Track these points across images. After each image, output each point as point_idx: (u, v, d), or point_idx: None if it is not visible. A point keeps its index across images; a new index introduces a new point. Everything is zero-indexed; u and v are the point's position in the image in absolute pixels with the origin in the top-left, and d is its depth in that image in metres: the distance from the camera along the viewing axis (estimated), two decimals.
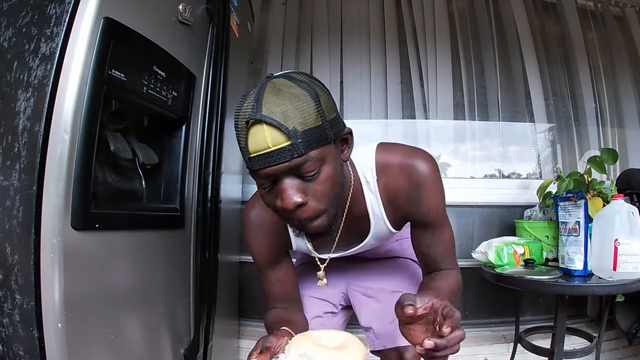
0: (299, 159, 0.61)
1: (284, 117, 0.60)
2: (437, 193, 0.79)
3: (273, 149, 0.60)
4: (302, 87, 0.63)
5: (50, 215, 0.65)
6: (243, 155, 0.64)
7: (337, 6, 2.12)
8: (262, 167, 0.62)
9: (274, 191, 0.66)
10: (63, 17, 0.68)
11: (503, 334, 1.79)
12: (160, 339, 0.95)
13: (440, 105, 2.05)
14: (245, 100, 0.64)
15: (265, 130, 0.60)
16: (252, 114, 0.61)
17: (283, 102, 0.61)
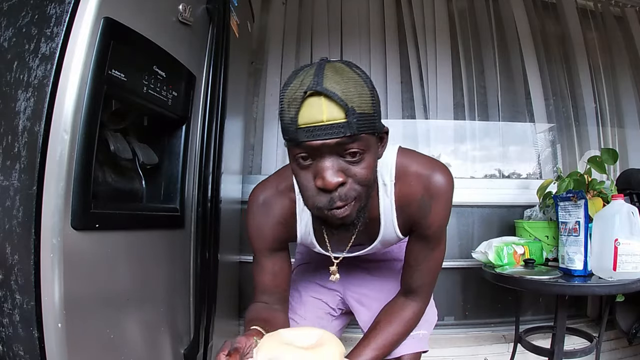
0: (350, 138, 0.62)
1: (344, 94, 0.60)
2: (446, 210, 0.80)
3: (327, 122, 0.60)
4: (359, 74, 0.65)
5: (50, 215, 0.65)
6: (286, 127, 0.63)
7: (337, 6, 2.12)
8: (311, 139, 0.61)
9: (311, 169, 0.65)
10: (63, 17, 0.68)
11: (503, 334, 1.79)
12: (160, 339, 0.95)
13: (440, 105, 2.05)
14: (298, 74, 0.65)
15: (323, 103, 0.60)
16: (312, 85, 0.60)
17: (345, 81, 0.62)
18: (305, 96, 0.61)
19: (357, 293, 1.04)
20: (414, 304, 0.89)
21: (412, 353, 0.93)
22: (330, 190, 0.64)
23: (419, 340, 0.95)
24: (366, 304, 1.02)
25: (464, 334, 1.81)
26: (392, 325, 0.88)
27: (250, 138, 2.02)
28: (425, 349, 0.95)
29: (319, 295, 1.06)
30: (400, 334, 0.88)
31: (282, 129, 0.65)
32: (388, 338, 0.87)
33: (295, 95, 0.62)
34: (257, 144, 2.05)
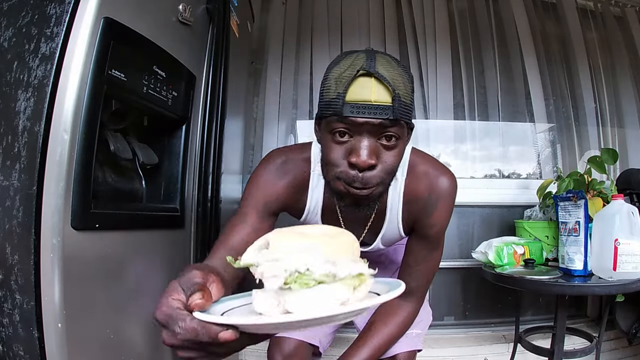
0: (391, 122, 0.65)
1: (393, 80, 0.64)
2: (448, 212, 0.82)
3: (375, 102, 0.64)
4: (405, 68, 0.69)
5: (50, 215, 0.65)
6: (331, 102, 0.66)
7: (337, 6, 2.12)
8: (356, 115, 0.64)
9: (346, 146, 0.67)
10: (63, 17, 0.68)
11: (503, 334, 1.79)
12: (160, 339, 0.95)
13: (440, 105, 2.05)
14: (346, 57, 0.68)
15: (373, 84, 0.64)
16: (365, 66, 0.64)
17: (393, 70, 0.66)
18: (357, 75, 0.64)
19: None
20: (409, 305, 0.90)
21: (406, 351, 0.94)
22: (360, 169, 0.66)
23: (413, 339, 0.96)
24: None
25: (464, 334, 1.81)
26: (387, 327, 0.88)
27: (250, 138, 2.02)
28: (419, 347, 0.97)
29: None
30: (395, 335, 0.89)
31: (324, 105, 0.67)
32: (383, 338, 0.88)
33: (345, 73, 0.65)
34: (257, 144, 2.05)
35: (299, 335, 0.99)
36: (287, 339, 0.99)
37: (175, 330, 0.44)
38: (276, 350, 0.98)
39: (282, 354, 0.97)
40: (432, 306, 1.07)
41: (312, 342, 1.00)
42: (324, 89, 0.68)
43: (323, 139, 0.71)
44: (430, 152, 0.83)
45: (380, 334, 0.88)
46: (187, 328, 0.43)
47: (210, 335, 0.42)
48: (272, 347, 1.00)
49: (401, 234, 0.87)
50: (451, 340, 1.76)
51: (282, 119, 2.05)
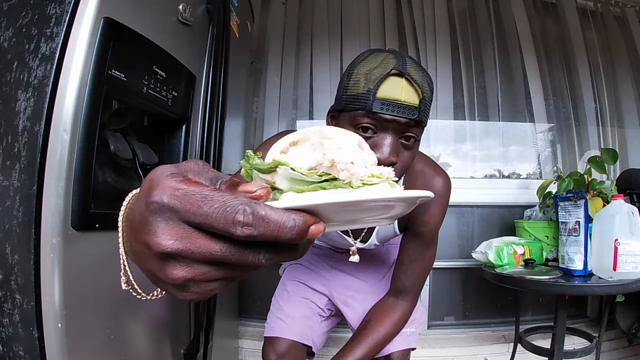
0: (415, 122, 0.67)
1: (421, 83, 0.67)
2: (441, 212, 0.84)
3: (404, 102, 0.65)
4: (427, 73, 0.71)
5: (50, 215, 0.65)
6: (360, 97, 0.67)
7: (337, 6, 2.12)
8: (385, 112, 0.65)
9: (370, 140, 0.68)
10: (63, 17, 0.68)
11: (503, 334, 1.79)
12: (160, 339, 0.95)
13: (440, 105, 2.05)
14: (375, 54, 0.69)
15: (404, 84, 0.66)
16: (398, 66, 0.66)
17: (422, 73, 0.69)
18: (389, 73, 0.66)
19: (343, 295, 1.05)
20: (404, 304, 0.91)
21: (400, 350, 0.95)
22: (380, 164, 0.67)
23: (407, 338, 0.97)
24: (351, 305, 1.04)
25: (464, 334, 1.81)
26: (382, 326, 0.89)
27: (250, 138, 2.02)
28: (413, 346, 0.98)
29: (307, 296, 1.06)
30: (390, 334, 0.90)
31: (351, 98, 0.68)
32: (378, 337, 0.89)
33: (376, 70, 0.66)
34: (257, 144, 2.05)
35: (292, 336, 1.00)
36: (280, 339, 1.00)
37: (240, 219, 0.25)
38: (270, 350, 0.99)
39: (276, 353, 0.98)
40: (432, 306, 1.07)
41: (305, 342, 1.01)
42: (351, 82, 0.69)
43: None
44: (430, 152, 0.84)
45: (376, 332, 0.89)
46: (259, 216, 0.25)
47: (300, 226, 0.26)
48: (266, 347, 1.01)
49: (396, 231, 0.88)
50: (451, 340, 1.76)
51: (282, 119, 2.05)
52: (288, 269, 1.15)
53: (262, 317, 1.03)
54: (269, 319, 1.06)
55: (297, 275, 1.11)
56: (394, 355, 0.96)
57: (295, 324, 1.02)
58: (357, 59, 0.71)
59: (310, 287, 1.08)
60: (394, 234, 0.90)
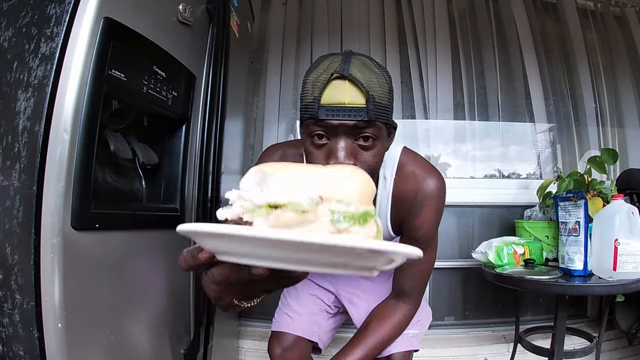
0: (366, 123, 0.66)
1: (367, 82, 0.65)
2: (435, 214, 0.82)
3: (348, 105, 0.64)
4: (381, 69, 0.70)
5: (50, 215, 0.65)
6: (308, 106, 0.67)
7: (337, 6, 2.12)
8: (331, 118, 0.65)
9: (324, 149, 0.68)
10: (63, 17, 0.68)
11: (503, 334, 1.79)
12: (160, 339, 0.95)
13: (440, 105, 2.05)
14: (324, 60, 0.69)
15: (347, 87, 0.65)
16: (339, 69, 0.65)
17: (368, 72, 0.67)
18: (331, 78, 0.65)
19: (348, 292, 1.06)
20: (405, 307, 0.90)
21: (401, 352, 0.94)
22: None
23: (409, 340, 0.96)
24: (356, 303, 1.04)
25: (464, 334, 1.81)
26: (382, 327, 0.89)
27: (250, 138, 2.02)
28: (416, 347, 0.98)
29: (315, 292, 1.07)
30: (390, 336, 0.89)
31: (303, 108, 0.69)
32: (378, 339, 0.88)
33: (321, 77, 0.66)
34: (257, 144, 2.05)
35: (297, 331, 1.00)
36: (286, 334, 1.00)
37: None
38: (275, 344, 1.00)
39: (281, 347, 0.99)
40: (432, 306, 1.07)
41: (310, 338, 1.01)
42: (302, 92, 0.69)
43: (304, 142, 0.72)
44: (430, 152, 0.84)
45: (375, 334, 0.88)
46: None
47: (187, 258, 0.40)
48: (272, 341, 1.02)
49: (390, 233, 0.88)
50: (451, 340, 1.76)
51: (282, 119, 2.05)
52: None
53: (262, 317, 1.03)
54: (276, 314, 1.07)
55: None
56: (395, 357, 0.95)
57: (302, 320, 1.02)
58: (309, 68, 0.72)
59: (317, 284, 1.08)
60: (389, 236, 0.89)
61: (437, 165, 2.14)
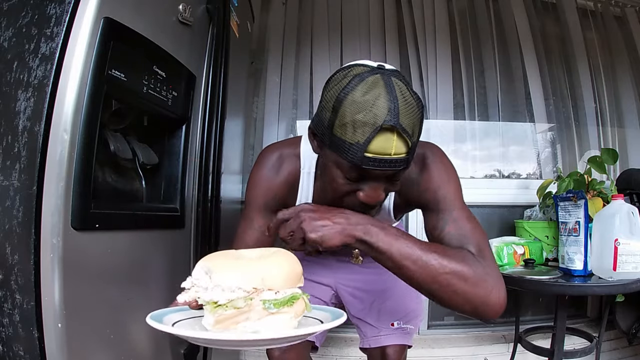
0: (404, 170, 0.64)
1: (412, 131, 0.61)
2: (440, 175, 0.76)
3: (394, 154, 0.61)
4: (415, 99, 0.62)
5: (50, 215, 0.65)
6: (349, 148, 0.60)
7: (337, 6, 2.12)
8: (375, 168, 0.61)
9: (357, 184, 0.65)
10: (63, 17, 0.68)
11: (503, 334, 1.79)
12: (160, 339, 0.95)
13: (440, 105, 2.05)
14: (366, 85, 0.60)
15: (394, 139, 0.60)
16: (388, 119, 0.58)
17: (413, 115, 0.61)
18: (381, 128, 0.59)
19: (349, 286, 1.06)
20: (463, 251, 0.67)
21: (396, 344, 0.95)
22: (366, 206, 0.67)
23: (405, 335, 0.98)
24: (359, 296, 1.05)
25: (464, 334, 1.81)
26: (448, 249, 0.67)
27: (250, 138, 2.02)
28: (410, 343, 0.99)
29: (312, 291, 1.07)
30: (450, 260, 0.63)
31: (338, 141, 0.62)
32: (434, 249, 0.65)
33: (366, 120, 0.59)
34: (257, 144, 2.05)
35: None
36: None
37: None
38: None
39: (280, 348, 0.98)
40: (432, 306, 1.08)
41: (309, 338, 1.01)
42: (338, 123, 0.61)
43: (328, 168, 0.67)
44: None
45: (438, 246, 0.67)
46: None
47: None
48: None
49: (392, 218, 0.87)
50: (451, 340, 1.76)
51: (282, 119, 2.05)
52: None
53: None
54: None
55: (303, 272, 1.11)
56: (389, 350, 0.97)
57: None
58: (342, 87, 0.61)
59: (315, 281, 1.08)
60: (391, 221, 0.89)
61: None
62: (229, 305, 0.44)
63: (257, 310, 0.45)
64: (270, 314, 0.45)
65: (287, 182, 0.84)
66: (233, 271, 0.46)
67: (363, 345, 1.04)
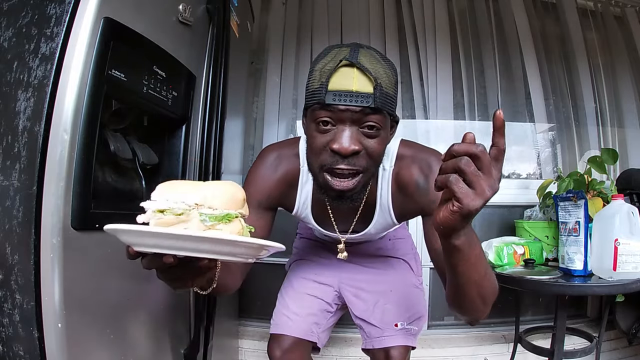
0: (372, 110, 0.66)
1: (375, 72, 0.66)
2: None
3: (356, 91, 0.65)
4: (387, 61, 0.71)
5: (50, 215, 0.65)
6: (315, 91, 0.68)
7: (337, 6, 2.12)
8: (338, 102, 0.65)
9: (330, 134, 0.69)
10: (63, 17, 0.68)
11: (503, 334, 1.79)
12: (160, 339, 0.95)
13: (440, 105, 2.05)
14: (331, 50, 0.71)
15: (355, 74, 0.66)
16: (348, 57, 0.66)
17: (376, 62, 0.68)
18: (340, 65, 0.66)
19: (353, 287, 1.06)
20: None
21: (400, 346, 0.95)
22: (343, 156, 0.68)
23: (408, 336, 0.97)
24: (362, 296, 1.04)
25: (464, 334, 1.81)
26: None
27: (250, 138, 2.02)
28: (414, 344, 0.98)
29: (314, 292, 1.07)
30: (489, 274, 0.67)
31: (309, 94, 0.70)
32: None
33: (329, 65, 0.67)
34: (257, 144, 2.05)
35: (297, 333, 1.00)
36: (285, 336, 1.00)
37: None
38: (275, 346, 1.00)
39: (281, 349, 0.99)
40: (432, 306, 1.08)
41: (310, 339, 1.02)
42: (309, 80, 0.70)
43: (308, 129, 0.73)
44: None
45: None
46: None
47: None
48: (271, 343, 1.02)
49: (393, 221, 0.87)
50: (451, 340, 1.76)
51: (282, 119, 2.05)
52: (294, 264, 1.15)
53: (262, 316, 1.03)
54: (274, 316, 1.06)
55: (303, 270, 1.11)
56: (393, 352, 0.96)
57: (301, 321, 1.02)
58: (316, 58, 0.73)
59: (317, 281, 1.08)
60: (392, 224, 0.89)
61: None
62: (168, 212, 0.49)
63: (195, 222, 0.49)
64: (207, 227, 0.49)
65: (285, 181, 0.85)
66: (181, 188, 0.52)
67: (366, 346, 1.03)
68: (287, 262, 1.21)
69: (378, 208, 0.85)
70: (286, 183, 0.86)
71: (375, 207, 0.85)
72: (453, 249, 0.58)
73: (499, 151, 0.51)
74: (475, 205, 0.49)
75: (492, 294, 0.67)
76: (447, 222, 0.53)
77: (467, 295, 0.65)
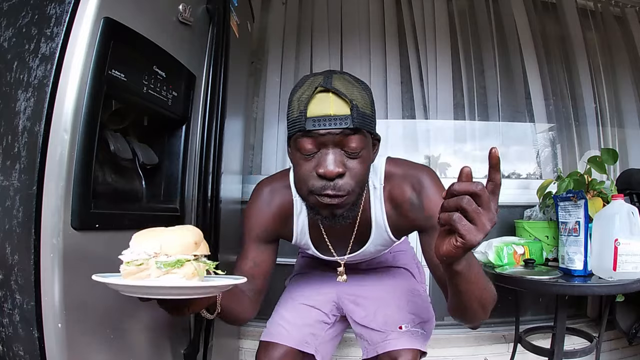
0: (352, 131, 0.69)
1: (350, 94, 0.70)
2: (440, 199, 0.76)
3: (334, 114, 0.68)
4: (360, 83, 0.75)
5: (50, 215, 0.65)
6: (295, 120, 0.71)
7: (337, 6, 2.12)
8: (318, 127, 0.68)
9: (314, 159, 0.72)
10: (63, 17, 0.68)
11: (503, 334, 1.79)
12: (160, 339, 0.95)
13: (440, 105, 2.05)
14: (307, 78, 0.75)
15: (331, 98, 0.69)
16: (323, 83, 0.70)
17: (350, 85, 0.72)
18: (315, 92, 0.69)
19: (352, 295, 1.04)
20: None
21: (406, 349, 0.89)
22: (329, 179, 0.70)
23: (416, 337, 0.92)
24: (361, 303, 1.02)
25: (464, 334, 1.81)
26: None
27: (250, 138, 2.02)
28: (424, 349, 0.93)
29: (312, 303, 1.05)
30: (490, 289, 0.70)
31: (290, 124, 0.72)
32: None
33: (305, 93, 0.70)
34: (257, 144, 2.05)
35: (290, 342, 0.98)
36: (277, 345, 0.97)
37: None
38: (263, 355, 0.97)
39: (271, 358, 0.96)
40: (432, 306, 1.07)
41: (306, 350, 0.98)
42: (289, 110, 0.73)
43: (294, 157, 0.76)
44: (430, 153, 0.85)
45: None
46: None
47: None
48: (260, 352, 0.99)
49: (391, 238, 0.87)
50: (451, 340, 1.76)
51: (282, 119, 2.05)
52: (294, 278, 1.15)
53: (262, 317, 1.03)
54: (268, 325, 1.04)
55: (302, 284, 1.10)
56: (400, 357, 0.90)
57: (296, 331, 0.99)
58: (293, 88, 0.76)
59: (314, 293, 1.06)
60: (390, 241, 0.89)
61: (437, 166, 2.15)
62: (131, 263, 0.57)
63: (154, 269, 0.56)
64: (164, 273, 0.56)
65: (279, 214, 0.88)
66: (143, 239, 0.59)
67: (368, 354, 0.95)
68: (287, 278, 1.20)
69: (374, 226, 0.86)
70: (281, 215, 0.88)
71: (371, 226, 0.86)
72: (455, 274, 0.62)
73: (496, 185, 0.59)
74: (477, 240, 0.53)
75: (491, 302, 0.71)
76: (450, 255, 0.56)
77: (469, 308, 0.69)
